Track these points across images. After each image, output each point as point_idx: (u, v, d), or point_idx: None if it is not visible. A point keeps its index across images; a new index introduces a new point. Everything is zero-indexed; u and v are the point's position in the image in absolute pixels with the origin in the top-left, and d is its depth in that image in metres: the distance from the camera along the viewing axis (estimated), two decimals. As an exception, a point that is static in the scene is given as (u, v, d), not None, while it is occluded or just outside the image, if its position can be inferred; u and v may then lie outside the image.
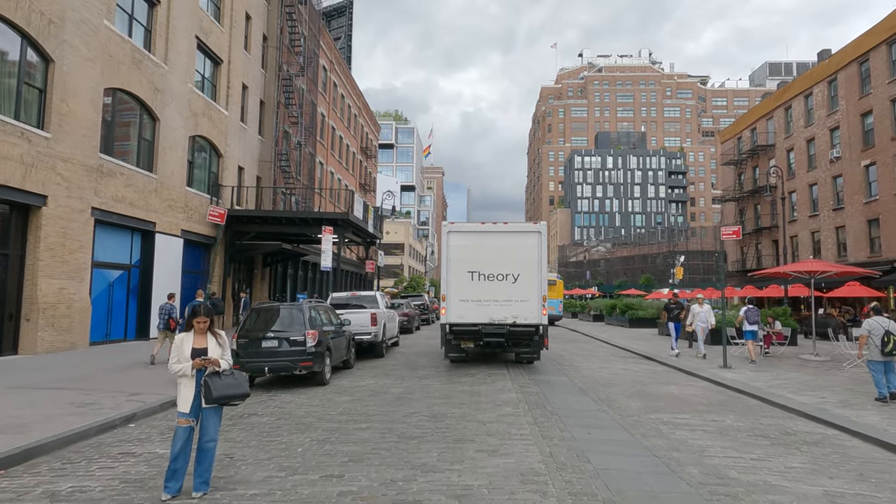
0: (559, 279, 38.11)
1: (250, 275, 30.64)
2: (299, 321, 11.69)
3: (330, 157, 44.72)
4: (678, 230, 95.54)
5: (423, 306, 35.16)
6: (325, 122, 43.75)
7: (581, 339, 26.39)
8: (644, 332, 28.99)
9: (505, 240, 14.25)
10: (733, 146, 46.90)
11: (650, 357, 17.87)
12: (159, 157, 21.43)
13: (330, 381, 12.34)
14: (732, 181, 46.83)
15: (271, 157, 31.54)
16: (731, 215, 47.04)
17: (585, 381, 12.84)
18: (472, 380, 12.66)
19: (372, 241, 33.34)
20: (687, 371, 14.58)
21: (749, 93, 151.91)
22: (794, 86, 38.57)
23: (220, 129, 26.04)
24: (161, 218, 21.50)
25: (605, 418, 8.88)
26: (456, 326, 14.02)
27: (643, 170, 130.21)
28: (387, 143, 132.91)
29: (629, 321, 33.38)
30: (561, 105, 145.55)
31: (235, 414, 9.03)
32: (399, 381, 12.42)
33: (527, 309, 13.88)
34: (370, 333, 16.54)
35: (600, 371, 14.65)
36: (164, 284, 20.76)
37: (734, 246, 46.49)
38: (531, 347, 14.23)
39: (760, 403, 10.50)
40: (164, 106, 21.55)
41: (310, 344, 11.45)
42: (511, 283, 13.97)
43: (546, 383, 12.23)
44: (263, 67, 31.44)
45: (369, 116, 60.99)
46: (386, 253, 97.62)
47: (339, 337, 13.60)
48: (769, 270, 21.17)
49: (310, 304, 12.49)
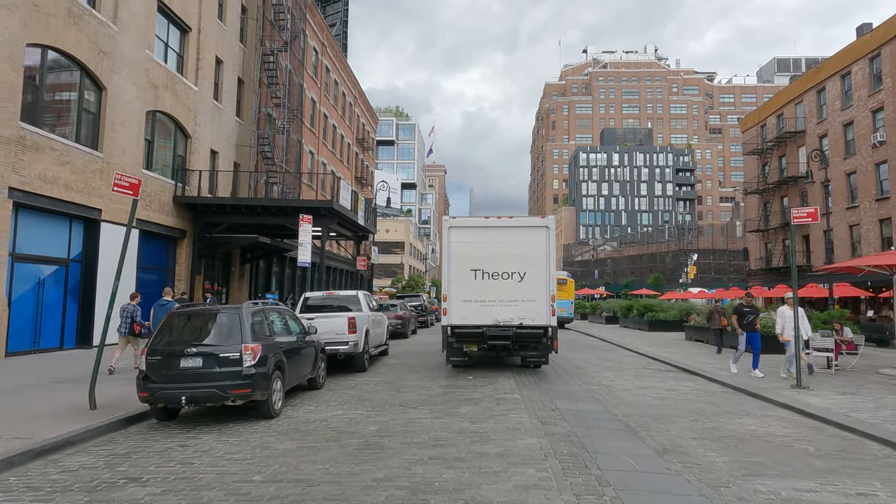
0: (570, 278, 34.73)
1: (227, 272, 27.40)
2: (235, 331, 8.42)
3: (322, 147, 41.49)
4: (688, 228, 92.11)
5: (420, 307, 31.90)
6: (317, 108, 40.51)
7: (600, 345, 23.07)
8: (669, 338, 25.66)
9: (510, 235, 13.30)
10: (756, 135, 43.46)
11: (693, 371, 14.57)
12: (107, 132, 18.20)
13: (281, 411, 9.07)
14: (756, 172, 43.37)
15: (251, 142, 28.31)
16: (755, 209, 43.58)
17: (628, 410, 9.55)
18: (475, 410, 9.38)
19: (364, 235, 30.05)
20: (752, 393, 11.28)
21: (757, 89, 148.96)
22: (829, 65, 35.12)
23: (187, 107, 22.81)
24: (109, 204, 18.27)
25: (687, 491, 5.59)
26: (458, 329, 13.01)
27: (650, 167, 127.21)
28: (387, 140, 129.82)
29: (649, 324, 30.04)
30: (565, 102, 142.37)
31: (108, 479, 5.78)
32: (376, 413, 9.15)
33: (534, 309, 12.95)
34: (347, 343, 13.25)
35: (641, 393, 11.35)
36: (112, 283, 17.53)
37: (757, 242, 43.08)
38: (539, 351, 13.22)
39: (893, 452, 7.22)
40: (112, 73, 18.32)
41: (248, 363, 8.18)
42: (517, 282, 13.07)
43: (576, 415, 8.94)
44: (242, 42, 28.21)
45: (366, 107, 57.71)
46: (386, 252, 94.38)
47: (302, 349, 10.35)
48: (840, 265, 17.81)
49: (257, 308, 9.22)
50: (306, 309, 14.37)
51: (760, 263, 42.05)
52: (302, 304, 14.68)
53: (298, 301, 15.32)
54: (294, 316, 10.98)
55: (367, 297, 15.94)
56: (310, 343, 10.92)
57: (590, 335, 28.39)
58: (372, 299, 17.10)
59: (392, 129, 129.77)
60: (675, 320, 29.53)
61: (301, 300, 14.91)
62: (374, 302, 17.26)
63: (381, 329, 16.79)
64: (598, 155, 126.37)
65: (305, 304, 14.70)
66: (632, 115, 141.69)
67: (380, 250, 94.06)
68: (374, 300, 17.32)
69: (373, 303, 16.94)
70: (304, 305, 14.63)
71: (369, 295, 16.76)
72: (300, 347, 10.29)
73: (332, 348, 13.06)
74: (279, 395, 9.00)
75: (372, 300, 17.02)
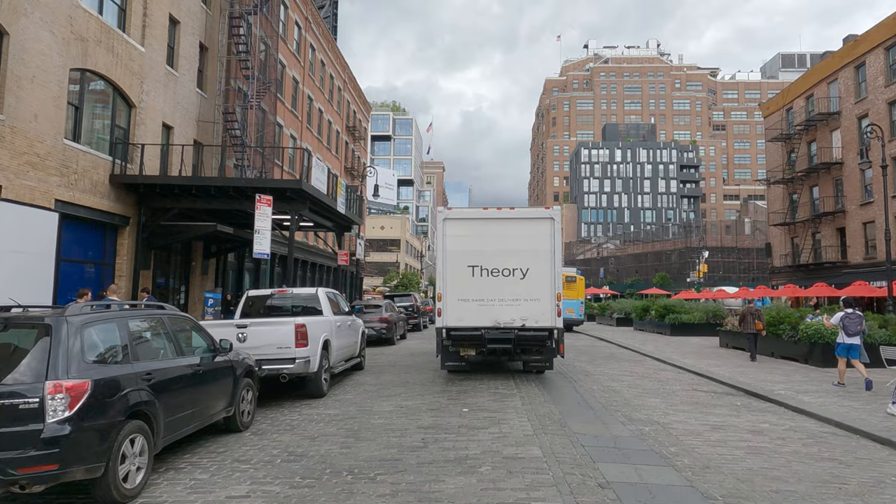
0: (579, 275, 30.90)
1: (187, 268, 23.65)
2: (42, 356, 4.71)
3: (306, 133, 37.75)
4: (695, 225, 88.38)
5: (411, 309, 28.18)
6: (300, 90, 36.78)
7: (622, 353, 19.35)
8: (698, 344, 21.97)
9: (512, 228, 12.34)
10: (781, 119, 39.69)
11: (764, 396, 10.87)
12: (10, 89, 14.45)
13: (139, 490, 5.33)
14: (780, 160, 39.59)
15: (216, 118, 24.56)
16: (780, 201, 39.79)
17: (721, 480, 5.84)
18: (470, 485, 5.68)
19: (346, 226, 26.26)
20: (881, 439, 7.58)
21: (761, 85, 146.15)
22: (870, 37, 31.35)
23: (129, 69, 19.06)
24: (13, 179, 14.51)
25: None
26: (454, 331, 11.94)
27: (653, 163, 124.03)
28: (383, 135, 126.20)
29: (671, 327, 26.33)
30: (566, 97, 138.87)
31: None
32: (302, 491, 5.44)
33: (538, 309, 11.95)
34: (294, 360, 9.48)
35: (719, 440, 7.63)
36: (22, 278, 13.85)
37: (782, 237, 39.34)
38: (543, 355, 12.26)
39: None
40: (17, 14, 14.57)
41: (57, 414, 4.48)
42: (519, 279, 12.11)
43: (642, 498, 5.23)
44: (205, 4, 24.48)
45: (357, 94, 53.92)
46: (381, 249, 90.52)
47: (204, 376, 6.67)
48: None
49: (100, 315, 5.51)
50: (246, 313, 10.67)
51: (786, 260, 38.35)
52: (242, 306, 10.99)
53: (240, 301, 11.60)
54: (198, 326, 7.27)
55: (333, 297, 12.24)
56: (223, 365, 7.22)
57: (605, 340, 24.70)
58: (341, 298, 13.39)
59: (388, 123, 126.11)
60: (700, 323, 25.90)
61: (242, 301, 11.21)
62: (344, 302, 13.53)
63: (353, 339, 13.06)
64: (601, 151, 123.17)
65: (247, 305, 11.00)
66: (634, 111, 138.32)
67: (375, 248, 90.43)
68: (343, 300, 13.57)
69: (343, 303, 13.23)
70: (244, 307, 10.93)
71: (336, 294, 13.04)
72: (200, 374, 6.59)
73: (272, 368, 9.33)
74: (136, 464, 5.27)
75: (341, 300, 13.31)
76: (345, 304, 13.57)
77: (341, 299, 13.40)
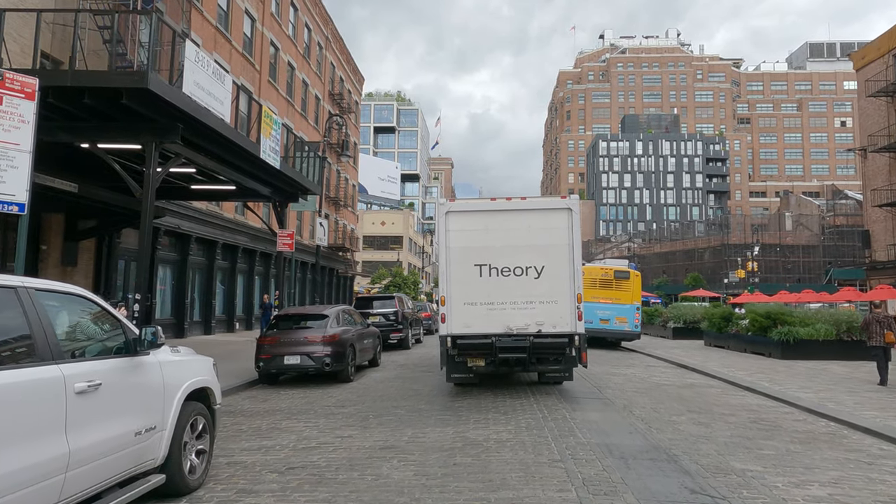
0: (634, 269, 21.80)
1: (34, 254, 15.12)
2: None
3: (268, 88, 29.36)
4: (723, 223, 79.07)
5: (395, 317, 19.44)
6: (257, 29, 28.39)
7: (761, 405, 10.51)
8: (841, 374, 13.23)
9: (524, 220, 10.86)
10: (883, 69, 30.69)
11: None
12: None
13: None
14: (883, 122, 30.56)
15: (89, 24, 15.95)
16: (883, 174, 30.72)
17: None
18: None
19: (291, 193, 17.49)
20: None
21: (788, 76, 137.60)
22: None
23: None
24: None
25: None
26: (461, 339, 10.50)
27: (677, 156, 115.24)
28: (387, 127, 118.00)
29: (780, 347, 17.45)
30: (581, 90, 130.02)
31: None
32: None
33: (556, 313, 10.43)
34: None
35: None
36: None
37: (887, 222, 30.31)
38: (562, 364, 10.71)
39: None
40: None
41: None
42: (533, 279, 10.59)
43: None
44: None
45: (346, 58, 45.40)
46: (382, 248, 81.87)
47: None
48: None
49: None
50: None
51: (892, 253, 29.34)
52: None
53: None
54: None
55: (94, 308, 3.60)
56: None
57: (688, 368, 15.91)
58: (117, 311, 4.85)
59: (392, 114, 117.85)
60: (828, 339, 17.12)
61: None
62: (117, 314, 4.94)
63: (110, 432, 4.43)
64: (620, 143, 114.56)
65: None
66: (653, 103, 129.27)
67: (374, 246, 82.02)
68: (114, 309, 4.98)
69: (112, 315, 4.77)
70: None
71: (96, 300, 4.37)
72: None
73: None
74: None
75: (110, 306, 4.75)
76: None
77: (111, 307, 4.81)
